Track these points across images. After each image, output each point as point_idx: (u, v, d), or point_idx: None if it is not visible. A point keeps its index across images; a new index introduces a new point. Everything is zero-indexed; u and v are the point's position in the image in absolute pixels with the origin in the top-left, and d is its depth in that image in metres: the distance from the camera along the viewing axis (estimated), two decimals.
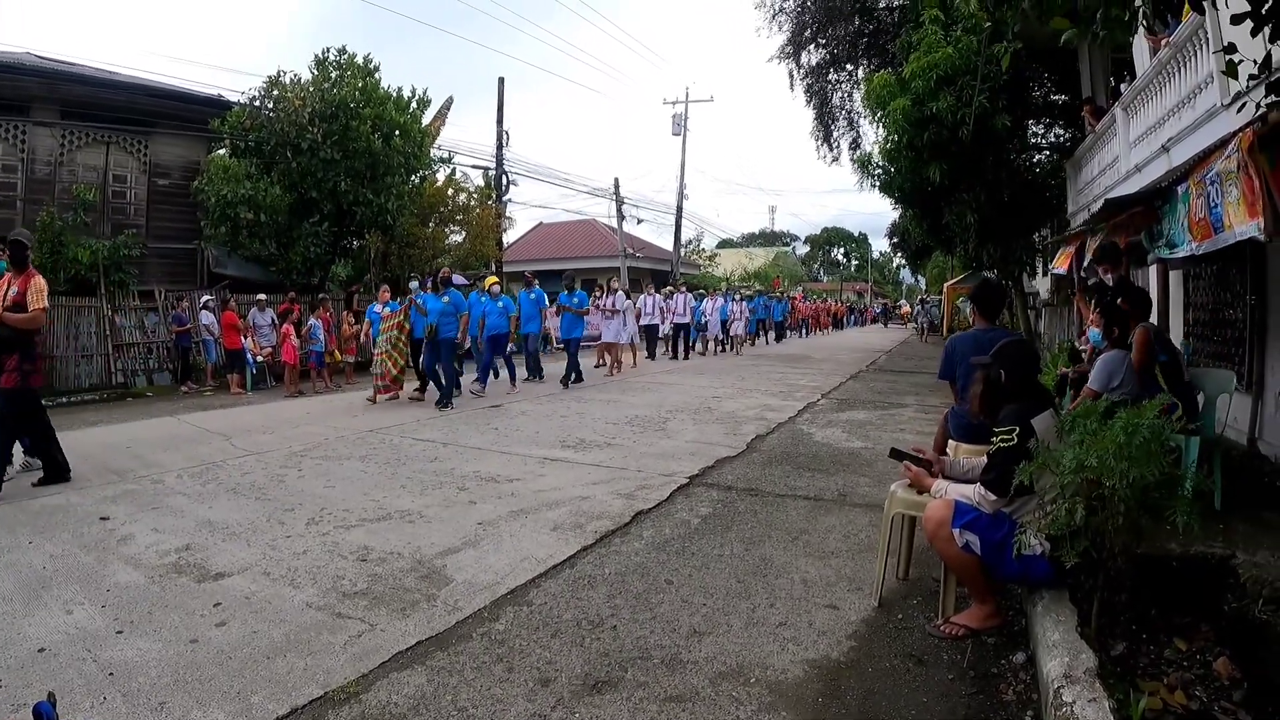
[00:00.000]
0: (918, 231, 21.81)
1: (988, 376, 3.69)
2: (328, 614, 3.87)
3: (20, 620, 3.87)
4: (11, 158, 16.36)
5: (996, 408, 3.61)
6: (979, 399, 3.75)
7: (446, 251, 22.77)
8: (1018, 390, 3.60)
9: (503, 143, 25.64)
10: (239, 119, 17.83)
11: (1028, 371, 3.70)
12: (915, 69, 14.93)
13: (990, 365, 3.69)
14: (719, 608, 3.91)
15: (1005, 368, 3.63)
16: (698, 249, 49.47)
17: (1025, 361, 3.70)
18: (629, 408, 11.15)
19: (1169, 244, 6.65)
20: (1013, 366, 3.63)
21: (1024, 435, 3.35)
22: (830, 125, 25.19)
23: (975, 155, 15.16)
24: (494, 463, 7.41)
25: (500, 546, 4.90)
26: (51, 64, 17.90)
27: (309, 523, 5.48)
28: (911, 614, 3.86)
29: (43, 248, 14.68)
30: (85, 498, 6.37)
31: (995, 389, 3.66)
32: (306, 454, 8.02)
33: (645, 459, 7.52)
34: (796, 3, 23.09)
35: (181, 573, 4.53)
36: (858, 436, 8.84)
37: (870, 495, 6.01)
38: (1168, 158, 8.89)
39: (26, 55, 18.19)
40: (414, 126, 19.64)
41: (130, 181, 18.25)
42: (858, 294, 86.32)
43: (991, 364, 3.69)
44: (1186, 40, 8.18)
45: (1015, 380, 3.62)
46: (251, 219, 16.62)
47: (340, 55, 18.79)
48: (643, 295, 21.19)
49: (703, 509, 5.78)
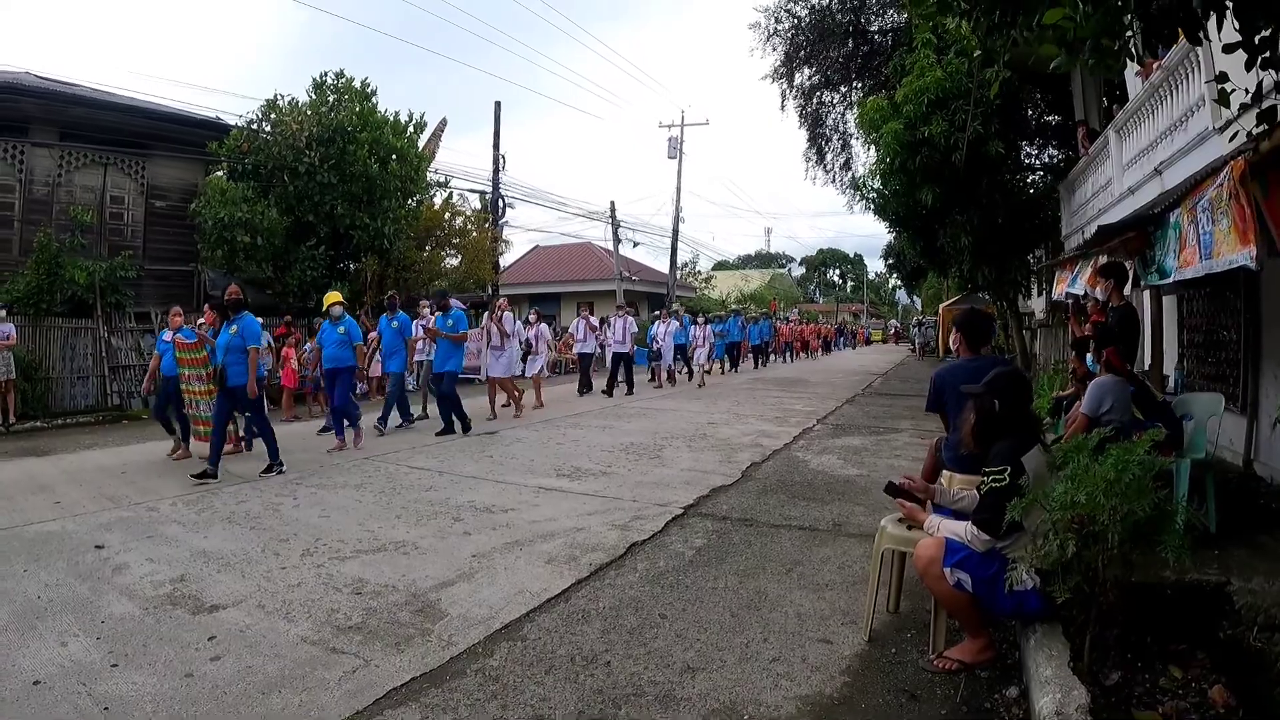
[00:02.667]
0: (912, 253, 21.94)
1: (980, 406, 3.70)
2: (322, 649, 3.86)
3: (15, 651, 3.86)
4: (9, 178, 16.41)
5: (989, 439, 3.61)
6: (971, 430, 3.74)
7: (443, 275, 22.78)
8: (1011, 421, 3.60)
9: (499, 166, 25.79)
10: (236, 142, 17.89)
11: (1020, 402, 3.70)
12: (907, 93, 15.07)
13: (983, 395, 3.69)
14: (713, 642, 3.91)
15: (999, 398, 3.63)
16: (694, 271, 49.65)
17: (1018, 392, 3.70)
18: (624, 434, 11.17)
19: (1160, 271, 6.70)
20: (1006, 397, 3.64)
21: (1015, 474, 3.36)
22: (823, 147, 25.35)
23: (968, 178, 15.27)
24: (489, 492, 7.41)
25: (495, 580, 4.90)
26: (50, 85, 17.99)
27: (304, 554, 5.47)
28: (904, 648, 3.86)
29: (40, 268, 14.75)
30: (80, 525, 6.36)
31: (988, 419, 3.66)
32: (302, 481, 8.02)
33: (640, 488, 7.52)
34: (790, 24, 23.26)
35: (176, 604, 4.52)
36: (853, 463, 8.85)
37: (865, 525, 5.99)
38: (1160, 181, 8.95)
39: (25, 75, 18.29)
40: (411, 151, 19.72)
41: (128, 203, 18.31)
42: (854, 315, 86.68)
43: (984, 394, 3.69)
44: (1178, 64, 8.25)
45: (1008, 411, 3.62)
46: (248, 242, 16.64)
47: (338, 79, 18.88)
48: (612, 318, 18.89)
49: (697, 540, 5.78)
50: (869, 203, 19.41)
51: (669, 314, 22.14)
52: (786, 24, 23.30)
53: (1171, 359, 9.41)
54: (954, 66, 14.67)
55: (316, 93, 18.72)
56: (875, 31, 22.78)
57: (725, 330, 26.08)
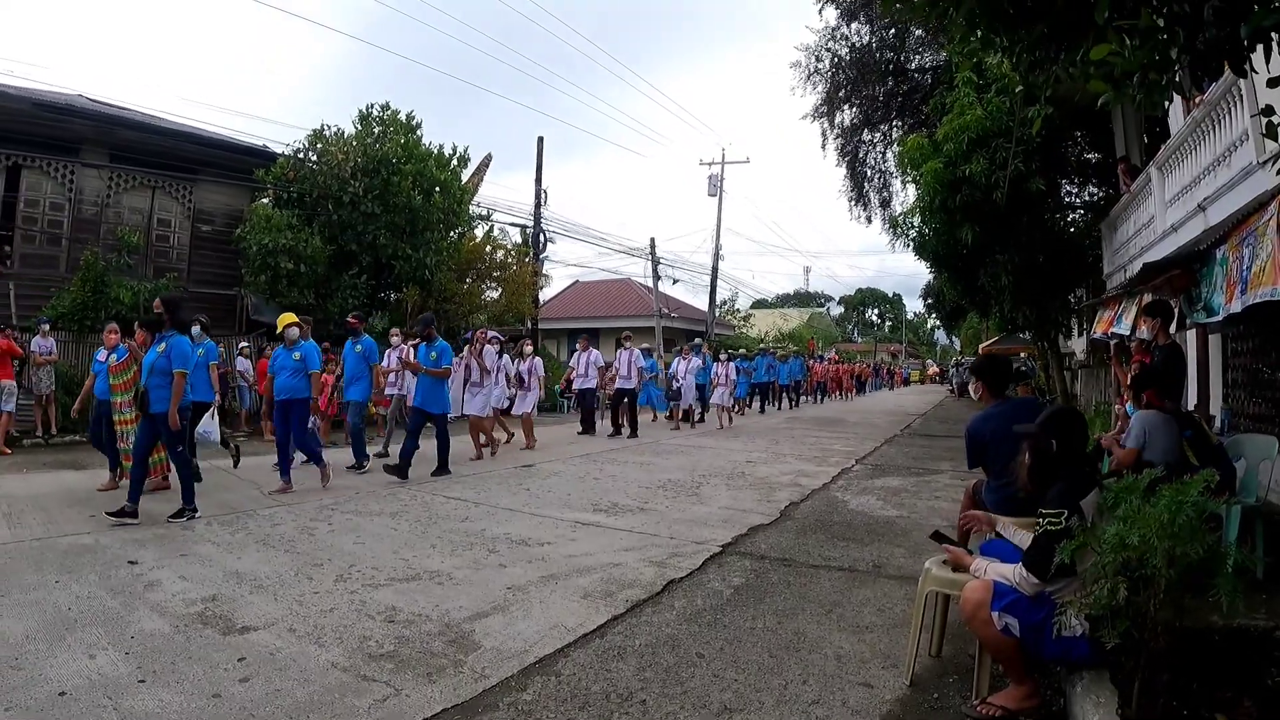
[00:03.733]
0: (952, 293, 21.76)
1: (1036, 447, 3.62)
2: (353, 675, 3.83)
3: (43, 661, 3.88)
4: (59, 197, 16.92)
5: (1046, 480, 3.53)
6: (1028, 471, 3.68)
7: (483, 307, 22.97)
8: (1067, 460, 3.53)
9: (541, 200, 26.08)
10: (283, 170, 18.28)
11: (1077, 441, 3.62)
12: (948, 131, 15.05)
13: (1039, 436, 3.62)
14: (750, 684, 3.83)
15: (1055, 437, 3.56)
16: (732, 309, 49.60)
17: (1074, 430, 3.62)
18: (662, 471, 11.09)
19: (1207, 309, 6.58)
20: (1063, 436, 3.56)
21: (1071, 518, 3.28)
22: (863, 185, 25.41)
23: (1009, 217, 15.16)
24: (525, 525, 7.38)
25: (529, 613, 4.85)
26: (102, 108, 18.56)
27: (337, 579, 5.47)
28: (947, 693, 3.76)
29: (85, 286, 15.13)
30: (114, 539, 6.43)
31: (1044, 459, 3.58)
32: (337, 507, 8.04)
33: (678, 525, 7.45)
34: (831, 62, 23.47)
35: (207, 623, 4.53)
36: (893, 504, 8.73)
37: (906, 567, 5.89)
38: (1204, 217, 8.84)
39: (78, 98, 18.87)
40: (454, 183, 20.02)
41: (174, 226, 18.80)
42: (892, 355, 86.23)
43: (1040, 434, 3.62)
44: (1220, 98, 8.17)
45: (1065, 450, 3.54)
46: (291, 269, 16.91)
47: (384, 111, 19.29)
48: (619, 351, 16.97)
49: (735, 579, 5.70)
50: (908, 241, 19.35)
51: (691, 350, 20.28)
52: (827, 62, 23.52)
53: (1217, 399, 9.22)
54: (995, 104, 14.65)
55: (362, 124, 19.11)
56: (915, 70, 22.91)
57: (752, 368, 24.43)
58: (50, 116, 16.55)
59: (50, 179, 16.81)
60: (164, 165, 18.10)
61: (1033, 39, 3.45)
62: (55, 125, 16.58)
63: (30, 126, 16.18)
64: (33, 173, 16.70)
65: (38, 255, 16.95)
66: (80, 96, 19.30)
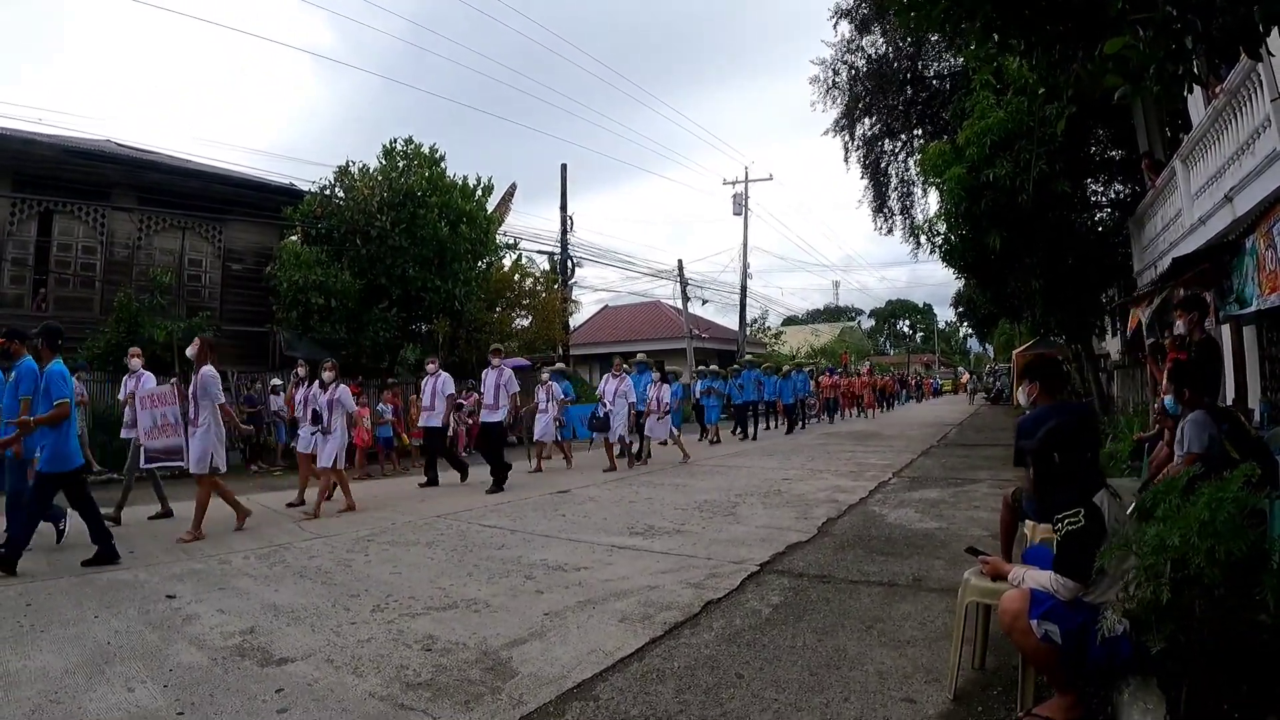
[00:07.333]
0: (982, 300, 21.56)
1: (1039, 457, 3.59)
2: (390, 705, 3.83)
3: (82, 695, 3.92)
4: (92, 240, 17.38)
5: (1050, 489, 3.50)
6: (1032, 481, 3.67)
7: (514, 335, 23.09)
8: (1073, 467, 3.48)
9: (567, 227, 26.23)
10: (310, 207, 18.57)
11: (1080, 449, 3.56)
12: (969, 135, 14.92)
13: (1039, 450, 3.58)
14: (791, 703, 3.78)
15: (1058, 450, 3.51)
16: (763, 327, 49.51)
17: (1076, 440, 3.56)
18: (698, 492, 11.04)
19: (1239, 300, 6.48)
20: (1064, 448, 3.51)
21: (1090, 516, 3.23)
22: (886, 195, 25.29)
23: (1035, 220, 14.98)
24: (561, 550, 7.37)
25: (567, 638, 4.83)
26: (131, 152, 19.04)
27: (374, 609, 5.48)
28: (991, 706, 3.69)
29: (120, 326, 15.48)
30: (153, 574, 6.52)
31: (1048, 470, 3.55)
32: (374, 539, 8.08)
33: (715, 545, 7.40)
34: (848, 75, 23.48)
35: (245, 656, 4.55)
36: (931, 516, 8.63)
37: (946, 579, 5.81)
38: (1231, 208, 8.70)
39: (107, 143, 19.35)
40: (480, 213, 20.20)
41: (205, 265, 19.21)
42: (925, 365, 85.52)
43: (1039, 449, 3.57)
44: (1239, 85, 8.06)
45: (1067, 460, 3.50)
46: (322, 304, 17.16)
47: (407, 145, 19.52)
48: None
49: (774, 598, 5.64)
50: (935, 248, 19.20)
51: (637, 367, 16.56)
52: (845, 75, 23.56)
53: (1255, 392, 9.04)
54: (1015, 106, 14.51)
55: (387, 158, 19.36)
56: (933, 76, 22.85)
57: (725, 389, 20.97)
58: (81, 162, 17.03)
59: (82, 223, 17.25)
60: (193, 206, 18.52)
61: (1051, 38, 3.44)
62: (86, 170, 17.04)
63: (61, 172, 16.65)
64: (65, 217, 17.15)
65: (72, 298, 17.40)
66: (109, 142, 19.77)
